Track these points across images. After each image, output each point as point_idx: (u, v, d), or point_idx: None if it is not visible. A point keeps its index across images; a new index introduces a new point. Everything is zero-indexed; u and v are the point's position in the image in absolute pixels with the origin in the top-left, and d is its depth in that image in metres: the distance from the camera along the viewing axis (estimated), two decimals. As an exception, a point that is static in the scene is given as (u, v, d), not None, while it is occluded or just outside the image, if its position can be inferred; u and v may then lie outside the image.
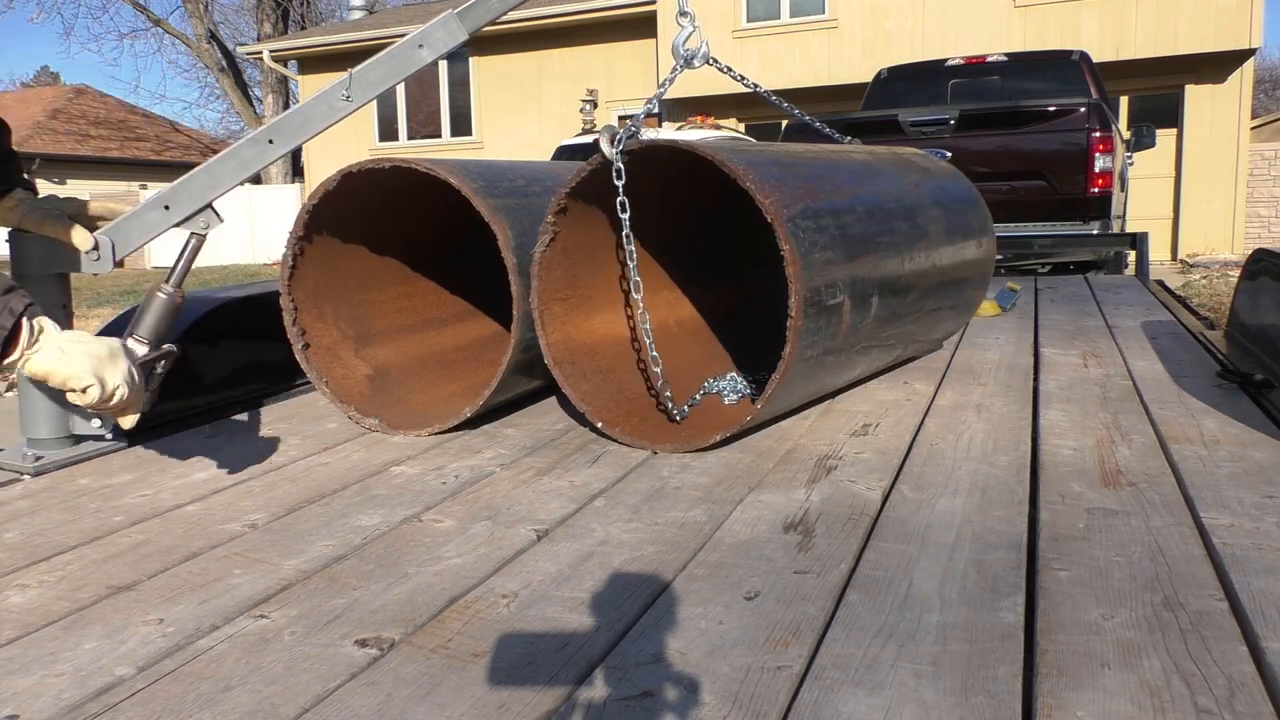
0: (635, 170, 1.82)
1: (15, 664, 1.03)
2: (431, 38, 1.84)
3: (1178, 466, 1.61)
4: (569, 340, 2.00)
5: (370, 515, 1.49)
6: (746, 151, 1.82)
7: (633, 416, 1.97)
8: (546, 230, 1.91)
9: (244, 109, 21.03)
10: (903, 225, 2.06)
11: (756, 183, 1.67)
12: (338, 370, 2.11)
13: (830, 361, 1.85)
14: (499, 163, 2.18)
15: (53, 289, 1.81)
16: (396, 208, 2.21)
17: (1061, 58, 7.41)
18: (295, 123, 1.82)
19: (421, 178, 1.95)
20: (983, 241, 2.49)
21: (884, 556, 1.26)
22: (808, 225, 1.72)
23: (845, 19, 13.10)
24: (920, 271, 2.11)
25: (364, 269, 2.24)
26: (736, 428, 1.76)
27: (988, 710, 0.89)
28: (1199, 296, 7.55)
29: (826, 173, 1.96)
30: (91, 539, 1.41)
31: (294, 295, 2.05)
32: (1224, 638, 1.02)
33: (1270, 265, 2.55)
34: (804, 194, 1.78)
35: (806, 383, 1.83)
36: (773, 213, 1.65)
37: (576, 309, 2.05)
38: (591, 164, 1.82)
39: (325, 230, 2.08)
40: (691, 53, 2.08)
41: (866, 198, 2.01)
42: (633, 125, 1.79)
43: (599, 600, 1.15)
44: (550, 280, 1.95)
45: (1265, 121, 15.49)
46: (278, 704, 0.94)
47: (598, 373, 2.04)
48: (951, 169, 2.60)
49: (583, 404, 1.91)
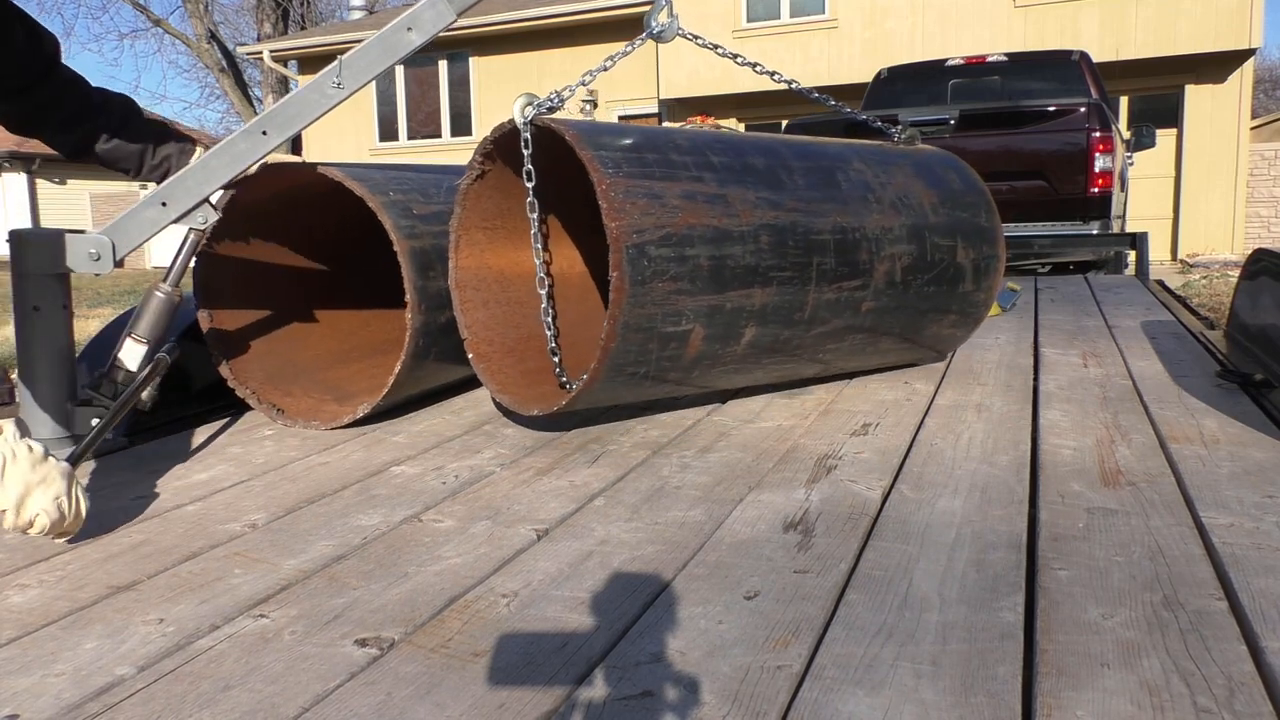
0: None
1: (15, 664, 1.03)
2: (420, 20, 1.84)
3: (1178, 466, 1.61)
4: (483, 266, 2.04)
5: (370, 515, 1.49)
6: (646, 154, 1.74)
7: (509, 356, 2.01)
8: (474, 168, 1.96)
9: (244, 109, 21.03)
10: (829, 261, 1.91)
11: (614, 202, 1.62)
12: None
13: (675, 376, 1.82)
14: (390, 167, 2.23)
15: (53, 289, 1.81)
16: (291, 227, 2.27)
17: (1061, 58, 7.40)
18: (288, 113, 1.82)
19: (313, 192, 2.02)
20: (980, 281, 2.27)
21: (884, 556, 1.26)
22: (662, 254, 1.65)
23: (845, 19, 13.10)
24: (850, 307, 1.99)
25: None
26: (553, 408, 1.78)
27: (987, 710, 0.89)
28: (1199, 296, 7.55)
29: (736, 190, 1.82)
30: (91, 539, 1.41)
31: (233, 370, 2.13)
32: (1224, 637, 1.02)
33: (1270, 265, 2.55)
34: (676, 217, 1.69)
35: (636, 391, 1.81)
36: (614, 236, 1.60)
37: (504, 239, 2.09)
38: (509, 123, 1.84)
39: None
40: (662, 27, 2.09)
41: (780, 225, 1.86)
42: (553, 97, 1.80)
43: (599, 600, 1.15)
44: (475, 209, 2.01)
45: (1265, 121, 15.49)
46: (278, 704, 0.94)
47: (502, 303, 2.07)
48: (972, 200, 2.31)
49: (466, 331, 1.98)
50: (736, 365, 1.91)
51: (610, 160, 1.68)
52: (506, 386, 1.90)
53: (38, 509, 1.29)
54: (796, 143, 2.09)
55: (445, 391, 2.35)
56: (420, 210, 2.04)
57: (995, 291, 2.37)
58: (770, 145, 2.01)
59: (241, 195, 1.96)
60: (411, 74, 15.92)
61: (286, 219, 2.21)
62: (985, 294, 2.32)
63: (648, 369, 1.74)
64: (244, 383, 2.11)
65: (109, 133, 1.83)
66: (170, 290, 1.84)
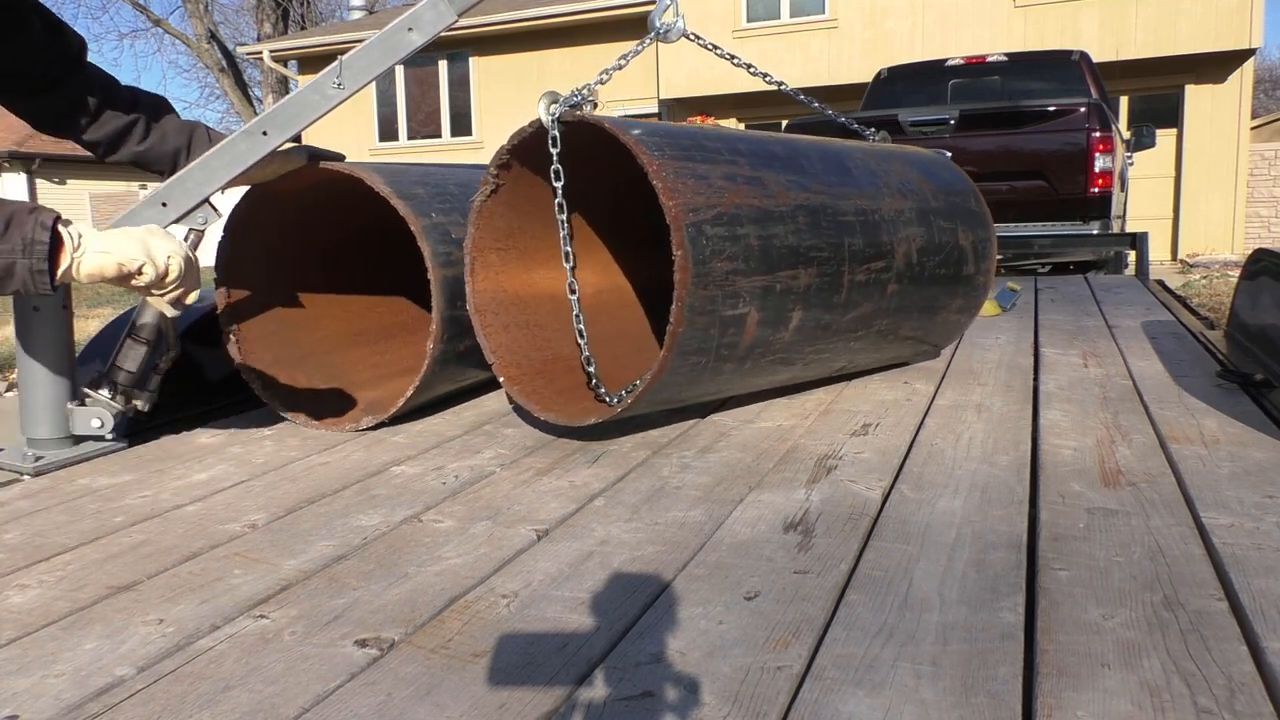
0: (590, 136, 1.78)
1: (15, 664, 1.03)
2: (421, 20, 1.84)
3: (1178, 466, 1.61)
4: (499, 290, 2.01)
5: (370, 515, 1.49)
6: (682, 140, 1.74)
7: (539, 378, 1.98)
8: (488, 182, 1.93)
9: (244, 109, 21.04)
10: (857, 241, 1.94)
11: (668, 182, 1.60)
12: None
13: (729, 369, 1.81)
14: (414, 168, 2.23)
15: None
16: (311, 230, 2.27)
17: (1061, 58, 7.41)
18: (289, 113, 1.82)
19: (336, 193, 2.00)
20: (979, 266, 2.32)
21: (884, 556, 1.26)
22: (717, 233, 1.65)
23: (845, 19, 13.10)
24: (878, 289, 2.00)
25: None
26: (608, 416, 1.76)
27: (988, 710, 0.89)
28: (1199, 296, 7.56)
29: (768, 173, 1.85)
30: (91, 539, 1.41)
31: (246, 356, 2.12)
32: (1224, 638, 1.02)
33: (1270, 265, 2.55)
34: (724, 197, 1.69)
35: (694, 387, 1.79)
36: (674, 215, 1.59)
37: (516, 260, 2.06)
38: (532, 125, 1.82)
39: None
40: (667, 26, 2.07)
41: (812, 205, 1.88)
42: (576, 95, 1.77)
43: (599, 600, 1.15)
44: (489, 229, 1.97)
45: (1265, 121, 15.49)
46: (278, 704, 0.94)
47: (522, 326, 2.04)
48: (961, 187, 2.39)
49: (493, 356, 1.95)
50: (782, 355, 1.90)
51: (654, 144, 1.66)
52: (548, 406, 1.87)
53: (167, 252, 1.47)
54: (801, 137, 2.11)
55: (448, 399, 2.35)
56: (459, 234, 2.02)
57: (992, 275, 2.40)
58: (783, 138, 2.04)
59: (278, 184, 1.96)
60: (411, 74, 15.92)
61: (315, 208, 2.20)
62: (984, 277, 2.37)
63: (707, 358, 1.71)
64: (252, 364, 2.10)
65: (141, 134, 1.83)
66: (170, 290, 1.84)
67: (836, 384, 2.35)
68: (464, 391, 2.39)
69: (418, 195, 1.98)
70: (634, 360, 2.21)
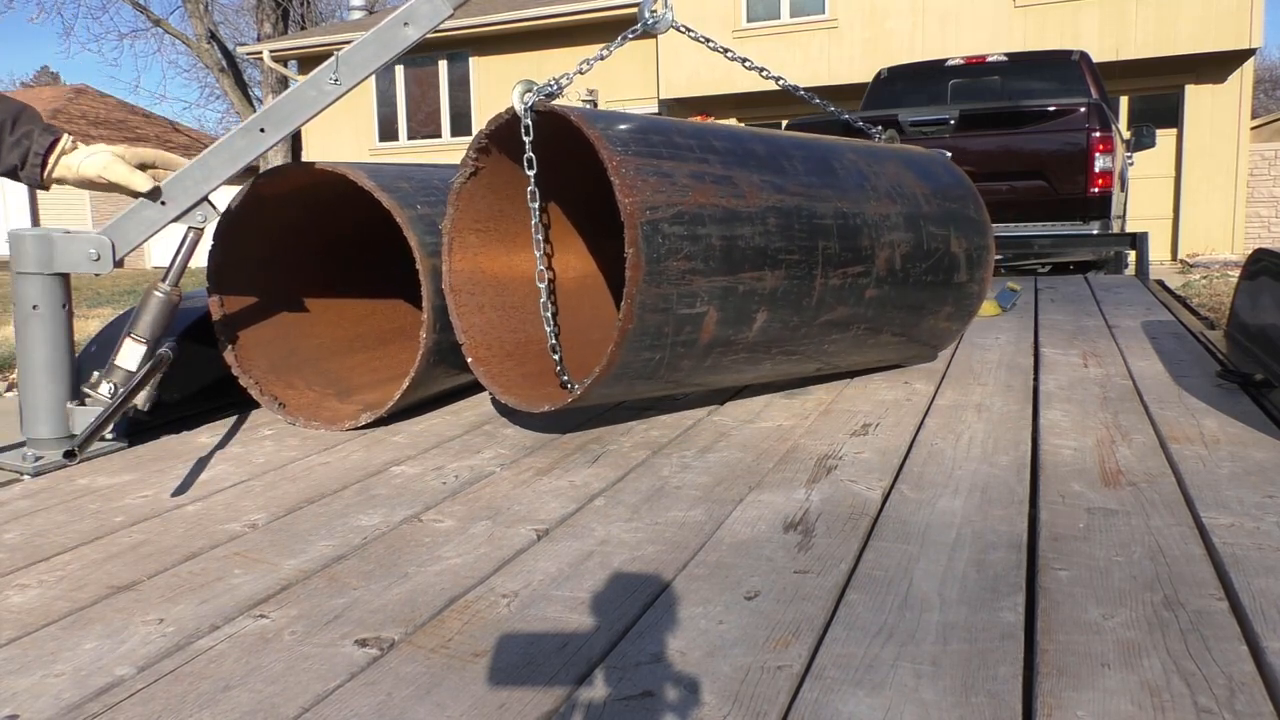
0: (570, 124, 1.76)
1: (15, 664, 1.03)
2: (416, 15, 1.83)
3: (1178, 466, 1.61)
4: (477, 271, 2.02)
5: (370, 515, 1.49)
6: (651, 135, 1.72)
7: (509, 360, 1.98)
8: (467, 164, 1.93)
9: (244, 109, 21.03)
10: (833, 245, 1.91)
11: (626, 179, 1.58)
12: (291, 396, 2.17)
13: (688, 365, 1.80)
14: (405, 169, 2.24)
15: (53, 289, 1.81)
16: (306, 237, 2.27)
17: (1061, 58, 7.41)
18: (286, 109, 1.82)
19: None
20: (974, 273, 2.29)
21: (884, 556, 1.26)
22: (675, 232, 1.63)
23: (845, 19, 13.10)
24: (854, 294, 1.98)
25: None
26: (561, 404, 1.76)
27: (988, 710, 0.89)
28: (1199, 296, 7.56)
29: (741, 172, 1.81)
30: (91, 539, 1.41)
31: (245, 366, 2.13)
32: (1224, 637, 1.02)
33: (1270, 265, 2.55)
34: (687, 196, 1.67)
35: (651, 381, 1.78)
36: (629, 212, 1.57)
37: (497, 242, 2.06)
38: (508, 112, 1.80)
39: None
40: (656, 18, 2.07)
41: (786, 208, 1.85)
42: (552, 83, 1.76)
43: (599, 600, 1.15)
44: (469, 210, 1.98)
45: (1265, 121, 15.48)
46: (278, 704, 0.94)
47: (498, 308, 2.05)
48: (959, 192, 2.34)
49: (463, 336, 1.96)
50: (747, 354, 1.89)
51: (618, 139, 1.64)
52: (510, 389, 1.89)
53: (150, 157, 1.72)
54: (791, 134, 2.09)
55: (446, 397, 2.35)
56: None
57: (988, 283, 2.37)
58: (767, 135, 2.01)
59: (264, 187, 1.96)
60: (411, 74, 15.93)
61: (304, 211, 2.21)
62: (978, 285, 2.33)
63: (663, 354, 1.70)
64: (248, 371, 2.10)
65: None
66: (169, 290, 1.84)
67: (837, 384, 2.35)
68: (463, 389, 2.39)
69: (401, 189, 1.99)
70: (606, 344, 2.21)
